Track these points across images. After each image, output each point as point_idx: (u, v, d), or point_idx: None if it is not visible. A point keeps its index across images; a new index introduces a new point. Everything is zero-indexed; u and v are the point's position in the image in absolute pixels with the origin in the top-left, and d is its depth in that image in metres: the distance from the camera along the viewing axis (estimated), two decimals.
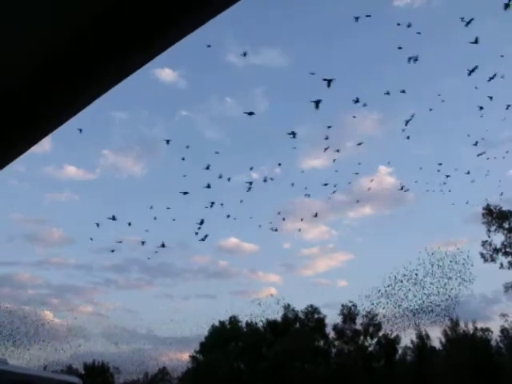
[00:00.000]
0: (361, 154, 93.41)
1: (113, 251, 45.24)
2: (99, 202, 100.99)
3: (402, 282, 59.21)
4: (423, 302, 59.31)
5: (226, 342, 65.02)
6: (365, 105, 35.82)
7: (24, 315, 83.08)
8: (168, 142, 31.85)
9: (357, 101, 31.68)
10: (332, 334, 63.01)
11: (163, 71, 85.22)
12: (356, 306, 62.01)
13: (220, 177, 33.94)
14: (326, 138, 37.03)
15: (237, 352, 64.21)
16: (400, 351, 61.24)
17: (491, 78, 30.49)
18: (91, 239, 49.40)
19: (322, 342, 63.19)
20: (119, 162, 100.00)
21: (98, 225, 36.98)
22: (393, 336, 60.66)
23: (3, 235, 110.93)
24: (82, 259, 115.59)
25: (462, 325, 56.93)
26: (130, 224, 35.05)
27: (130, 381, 78.52)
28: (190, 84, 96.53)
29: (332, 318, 63.75)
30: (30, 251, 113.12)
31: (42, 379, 25.28)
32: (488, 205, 50.41)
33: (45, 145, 71.01)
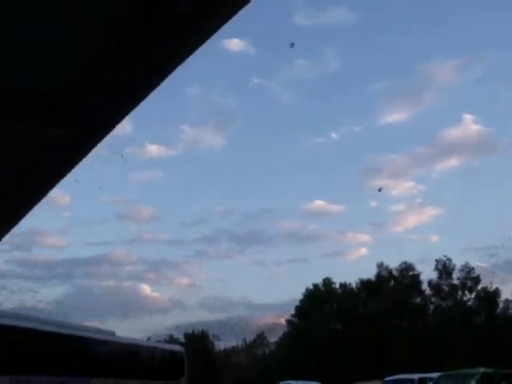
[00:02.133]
0: (442, 104, 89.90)
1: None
2: (183, 177, 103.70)
3: None
4: None
5: (321, 304, 65.43)
6: None
7: (125, 290, 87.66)
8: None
9: None
10: (428, 291, 61.94)
11: (231, 42, 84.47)
12: (451, 260, 60.30)
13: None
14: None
15: (332, 313, 64.59)
16: (501, 305, 59.28)
17: None
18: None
19: (418, 299, 62.24)
20: (198, 135, 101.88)
21: None
22: (492, 289, 58.68)
23: (98, 217, 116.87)
24: (172, 234, 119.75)
25: None
26: None
27: (230, 347, 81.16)
28: (259, 51, 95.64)
29: (427, 274, 62.32)
30: (123, 230, 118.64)
31: (148, 349, 26.63)
32: None
33: (125, 126, 73.26)
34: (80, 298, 76.73)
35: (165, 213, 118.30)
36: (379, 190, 37.77)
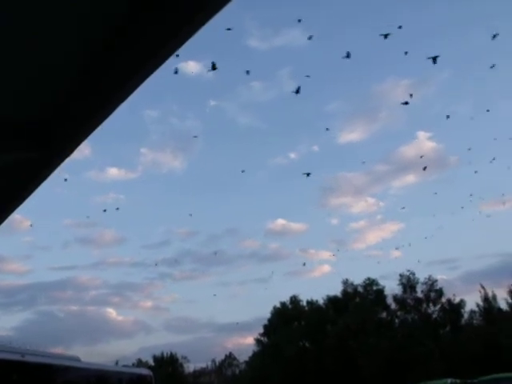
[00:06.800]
0: (397, 122, 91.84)
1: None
2: (144, 199, 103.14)
3: None
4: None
5: (289, 322, 65.37)
6: None
7: (89, 315, 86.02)
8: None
9: None
10: (393, 305, 62.50)
11: (187, 64, 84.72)
12: (414, 274, 61.14)
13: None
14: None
15: (301, 331, 64.52)
16: (466, 316, 60.19)
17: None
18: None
19: (384, 314, 62.76)
20: (158, 158, 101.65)
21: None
22: (456, 301, 59.65)
23: (59, 242, 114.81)
24: (135, 257, 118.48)
25: None
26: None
27: (200, 368, 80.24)
28: (215, 74, 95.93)
29: (391, 288, 63.07)
30: (85, 254, 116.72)
31: (114, 373, 26.12)
32: None
33: (84, 150, 72.61)
34: (43, 324, 75.09)
35: (127, 236, 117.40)
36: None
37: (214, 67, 21.26)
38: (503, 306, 57.19)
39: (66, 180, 65.53)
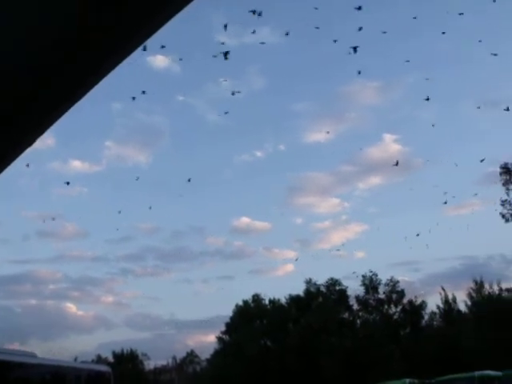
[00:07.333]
0: (364, 124, 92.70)
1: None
2: (108, 193, 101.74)
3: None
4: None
5: (252, 320, 65.30)
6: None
7: (48, 310, 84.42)
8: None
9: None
10: (355, 305, 63.04)
11: (156, 58, 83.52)
12: (377, 275, 61.77)
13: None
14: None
15: (263, 329, 64.53)
16: (426, 317, 61.08)
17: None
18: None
19: (346, 314, 63.24)
20: (123, 152, 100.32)
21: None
22: (418, 302, 60.46)
23: (18, 234, 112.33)
24: (97, 251, 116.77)
25: (486, 286, 56.32)
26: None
27: (160, 365, 79.56)
28: (183, 69, 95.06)
29: (354, 289, 63.62)
30: (46, 247, 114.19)
31: (72, 370, 25.57)
32: (505, 163, 49.70)
33: (47, 141, 70.90)
34: None
35: (90, 230, 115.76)
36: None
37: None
38: (462, 308, 58.26)
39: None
